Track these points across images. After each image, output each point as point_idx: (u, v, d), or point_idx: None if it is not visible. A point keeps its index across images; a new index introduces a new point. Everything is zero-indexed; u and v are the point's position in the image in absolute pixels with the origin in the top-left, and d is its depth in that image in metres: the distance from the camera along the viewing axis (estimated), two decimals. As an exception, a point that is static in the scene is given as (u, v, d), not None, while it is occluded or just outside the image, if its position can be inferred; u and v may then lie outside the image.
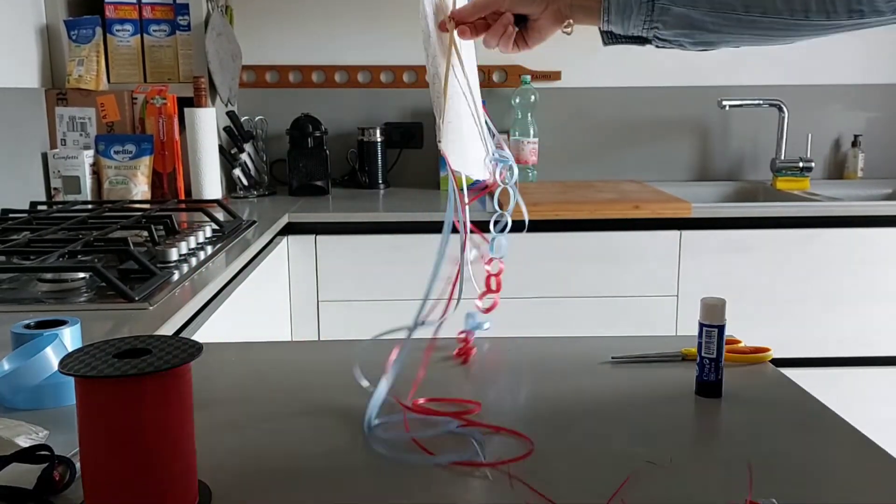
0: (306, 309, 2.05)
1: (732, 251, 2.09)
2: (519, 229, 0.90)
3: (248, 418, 0.77)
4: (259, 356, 0.97)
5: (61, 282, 1.20)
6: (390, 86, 2.57)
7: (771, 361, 0.94)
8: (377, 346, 0.81)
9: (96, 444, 0.54)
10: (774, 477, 0.65)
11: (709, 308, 0.81)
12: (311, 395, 0.83)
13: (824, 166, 2.66)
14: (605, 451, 0.69)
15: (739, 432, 0.75)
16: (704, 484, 0.64)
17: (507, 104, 2.56)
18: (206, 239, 1.57)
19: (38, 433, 0.70)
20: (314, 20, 2.54)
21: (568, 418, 0.77)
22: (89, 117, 2.10)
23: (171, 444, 0.55)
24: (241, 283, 1.48)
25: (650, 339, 1.01)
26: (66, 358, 0.55)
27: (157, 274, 1.25)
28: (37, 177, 2.00)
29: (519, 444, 0.70)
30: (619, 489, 0.62)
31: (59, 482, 0.59)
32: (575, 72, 2.58)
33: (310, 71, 2.56)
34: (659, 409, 0.79)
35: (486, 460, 0.67)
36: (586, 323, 2.07)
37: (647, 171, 2.63)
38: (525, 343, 1.00)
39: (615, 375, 0.89)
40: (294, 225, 2.01)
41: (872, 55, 2.61)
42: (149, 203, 1.95)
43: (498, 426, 0.74)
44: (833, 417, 0.78)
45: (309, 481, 0.64)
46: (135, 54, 2.17)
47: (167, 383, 0.54)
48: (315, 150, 2.37)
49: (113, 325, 1.04)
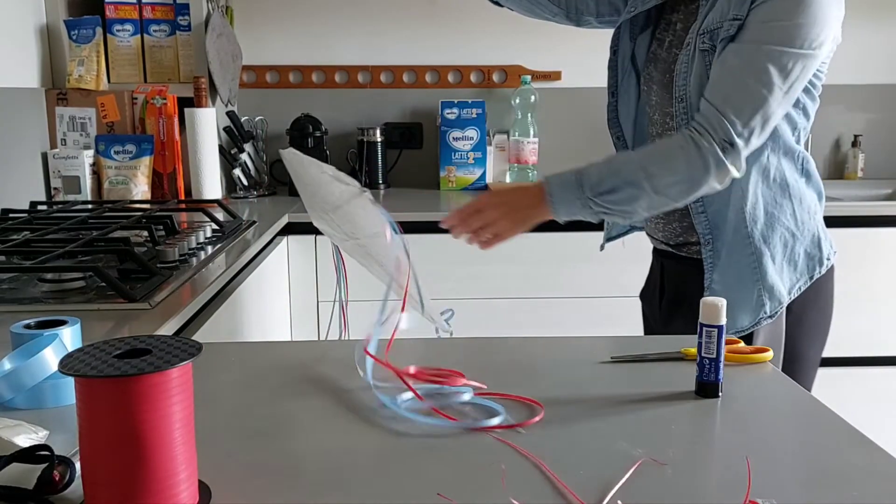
0: (306, 309, 2.05)
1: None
2: None
3: (248, 418, 0.77)
4: (259, 356, 0.97)
5: (61, 282, 1.20)
6: (390, 86, 2.57)
7: (771, 361, 0.94)
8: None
9: (96, 444, 0.54)
10: (774, 477, 0.65)
11: (709, 308, 0.82)
12: (311, 395, 0.83)
13: (824, 166, 2.66)
14: (604, 451, 0.69)
15: (739, 432, 0.75)
16: (704, 484, 0.64)
17: (507, 104, 2.56)
18: (206, 239, 1.57)
19: (38, 433, 0.70)
20: (314, 20, 2.54)
21: (568, 418, 0.77)
22: (89, 117, 2.10)
23: (171, 443, 0.55)
24: (241, 283, 1.48)
25: (650, 339, 1.01)
26: (66, 358, 0.55)
27: (157, 274, 1.25)
28: (37, 177, 2.00)
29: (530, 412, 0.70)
30: (616, 487, 0.62)
31: (58, 482, 0.59)
32: (575, 72, 2.58)
33: (310, 71, 2.56)
34: (659, 409, 0.79)
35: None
36: (586, 323, 2.07)
37: (647, 171, 2.63)
38: (525, 343, 1.00)
39: (615, 375, 0.89)
40: (294, 225, 2.01)
41: (872, 56, 2.61)
42: (149, 203, 1.95)
43: (507, 394, 0.74)
44: (833, 417, 0.78)
45: (309, 481, 0.64)
46: (135, 54, 2.17)
47: (167, 383, 0.54)
48: (315, 150, 2.37)
49: (113, 325, 1.04)
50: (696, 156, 1.08)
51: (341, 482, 0.64)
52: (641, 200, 1.09)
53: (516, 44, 2.57)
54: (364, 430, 0.74)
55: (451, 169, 2.48)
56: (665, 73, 1.21)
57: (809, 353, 1.27)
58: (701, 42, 1.13)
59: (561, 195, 1.12)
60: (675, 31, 1.22)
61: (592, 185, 1.10)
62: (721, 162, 1.07)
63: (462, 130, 2.47)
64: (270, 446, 0.70)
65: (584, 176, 1.11)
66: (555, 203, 1.12)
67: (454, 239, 1.20)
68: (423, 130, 2.59)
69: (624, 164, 1.11)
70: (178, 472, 0.56)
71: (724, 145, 1.07)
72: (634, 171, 1.09)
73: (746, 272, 1.19)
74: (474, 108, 2.47)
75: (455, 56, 2.56)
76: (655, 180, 1.08)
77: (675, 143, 1.10)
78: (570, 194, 1.11)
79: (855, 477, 0.66)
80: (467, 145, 2.47)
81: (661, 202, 1.11)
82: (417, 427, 0.74)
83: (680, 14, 1.22)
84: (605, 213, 1.11)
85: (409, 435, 0.73)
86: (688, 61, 1.15)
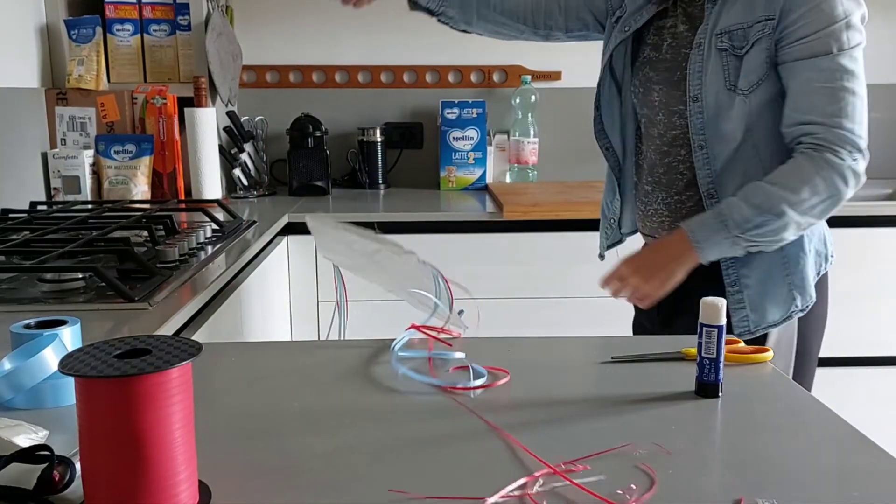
0: (306, 309, 2.05)
1: (732, 251, 2.08)
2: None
3: (248, 418, 0.77)
4: (259, 356, 0.97)
5: (61, 282, 1.20)
6: (390, 86, 2.57)
7: (771, 361, 0.94)
8: (378, 346, 0.81)
9: (96, 444, 0.54)
10: (774, 477, 0.65)
11: (709, 308, 0.82)
12: (311, 395, 0.83)
13: (824, 166, 2.66)
14: (604, 451, 0.69)
15: (739, 432, 0.75)
16: (704, 484, 0.64)
17: (507, 104, 2.56)
18: (206, 239, 1.57)
19: (37, 433, 0.70)
20: (314, 20, 2.54)
21: (568, 418, 0.77)
22: (89, 117, 2.10)
23: (171, 443, 0.55)
24: (241, 283, 1.48)
25: (650, 339, 1.01)
26: (66, 358, 0.55)
27: (157, 274, 1.25)
28: (37, 177, 2.00)
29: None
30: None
31: (58, 482, 0.59)
32: (575, 72, 2.58)
33: (310, 71, 2.56)
34: (659, 409, 0.79)
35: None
36: (586, 323, 2.07)
37: (647, 171, 2.63)
38: (525, 343, 1.00)
39: (615, 375, 0.89)
40: (294, 225, 2.01)
41: (872, 56, 2.60)
42: (149, 203, 1.95)
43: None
44: (833, 417, 0.78)
45: (309, 481, 0.64)
46: (135, 54, 2.17)
47: (167, 383, 0.54)
48: (315, 150, 2.37)
49: (113, 325, 1.04)
50: (833, 173, 1.13)
51: (341, 482, 0.64)
52: (790, 228, 1.13)
53: (516, 44, 2.54)
54: (364, 430, 0.74)
55: (451, 169, 2.48)
56: (672, 73, 1.23)
57: (813, 348, 1.30)
58: (718, 42, 1.17)
59: (708, 239, 1.15)
60: (674, 34, 1.25)
61: (738, 223, 1.13)
62: (857, 172, 1.15)
63: (462, 130, 2.47)
64: (270, 446, 0.70)
65: (726, 217, 1.14)
66: (703, 248, 1.15)
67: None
68: (424, 130, 2.59)
69: (764, 199, 1.13)
70: (178, 472, 0.56)
71: (856, 155, 1.15)
72: (776, 203, 1.12)
73: (776, 267, 1.21)
74: (474, 108, 2.47)
75: (455, 56, 2.56)
76: (799, 206, 1.12)
77: (807, 168, 1.13)
78: (717, 236, 1.15)
79: (855, 477, 0.66)
80: (467, 145, 2.47)
81: (807, 223, 1.15)
82: (418, 427, 0.74)
83: (675, 18, 1.25)
84: (754, 246, 1.15)
85: (410, 435, 0.73)
86: (702, 61, 1.18)
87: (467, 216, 2.08)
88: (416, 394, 0.83)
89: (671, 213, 1.28)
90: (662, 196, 1.29)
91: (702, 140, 1.20)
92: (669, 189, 1.28)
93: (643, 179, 1.33)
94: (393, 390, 0.84)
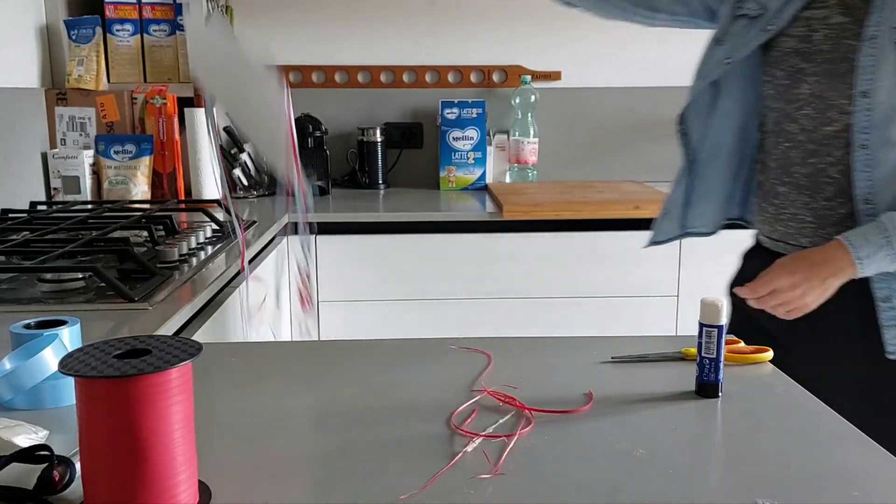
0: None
1: (732, 251, 2.08)
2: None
3: (248, 418, 0.77)
4: (259, 356, 0.97)
5: (61, 282, 1.20)
6: (390, 86, 2.57)
7: (771, 361, 0.94)
8: (378, 347, 0.81)
9: (96, 444, 0.54)
10: (774, 477, 0.65)
11: (709, 308, 0.82)
12: (312, 395, 0.83)
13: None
14: (604, 451, 0.69)
15: (739, 432, 0.75)
16: (704, 484, 0.64)
17: (507, 104, 2.56)
18: (206, 239, 1.57)
19: (37, 433, 0.70)
20: (314, 20, 2.54)
21: (568, 418, 0.77)
22: (89, 117, 2.10)
23: (171, 444, 0.55)
24: (241, 283, 1.48)
25: (650, 339, 1.01)
26: (66, 358, 0.55)
27: (157, 274, 1.25)
28: (37, 177, 2.00)
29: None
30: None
31: (58, 482, 0.59)
32: (575, 72, 2.58)
33: (310, 71, 2.56)
34: (659, 409, 0.79)
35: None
36: (586, 323, 2.07)
37: (647, 171, 2.63)
38: (525, 343, 1.00)
39: (615, 375, 0.89)
40: (294, 225, 2.01)
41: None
42: (149, 203, 1.95)
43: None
44: (833, 417, 0.78)
45: (309, 481, 0.64)
46: (135, 54, 2.17)
47: (167, 383, 0.54)
48: (315, 150, 2.37)
49: (113, 325, 1.04)
50: None
51: (341, 482, 0.64)
52: None
53: (516, 44, 2.57)
54: (364, 430, 0.74)
55: (451, 169, 2.48)
56: (835, 64, 1.14)
57: None
58: (894, 36, 1.09)
59: (871, 256, 1.10)
60: (828, 24, 1.16)
61: None
62: None
63: (462, 130, 2.47)
64: (270, 446, 0.70)
65: (890, 233, 1.09)
66: (864, 265, 1.10)
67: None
68: (424, 130, 2.59)
69: None
70: (177, 472, 0.56)
71: None
72: None
73: None
74: (474, 108, 2.47)
75: (455, 56, 2.56)
76: None
77: None
78: (880, 252, 1.10)
79: (855, 477, 0.66)
80: (467, 145, 2.47)
81: None
82: (418, 427, 0.74)
83: (828, 9, 1.17)
84: None
85: (410, 434, 0.73)
86: (875, 54, 1.10)
87: (467, 216, 2.08)
88: (416, 393, 0.83)
89: (816, 220, 1.19)
90: (805, 200, 1.20)
91: (865, 140, 1.11)
92: (814, 193, 1.19)
93: (771, 178, 1.25)
94: (393, 390, 0.84)
